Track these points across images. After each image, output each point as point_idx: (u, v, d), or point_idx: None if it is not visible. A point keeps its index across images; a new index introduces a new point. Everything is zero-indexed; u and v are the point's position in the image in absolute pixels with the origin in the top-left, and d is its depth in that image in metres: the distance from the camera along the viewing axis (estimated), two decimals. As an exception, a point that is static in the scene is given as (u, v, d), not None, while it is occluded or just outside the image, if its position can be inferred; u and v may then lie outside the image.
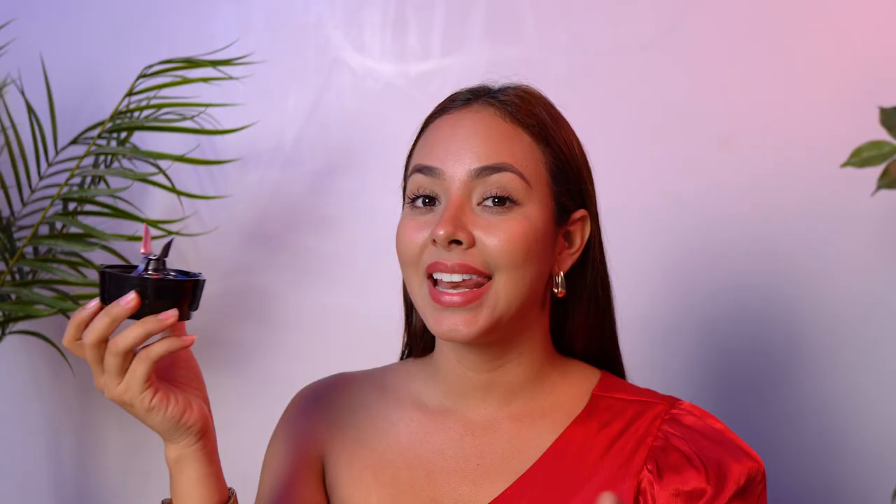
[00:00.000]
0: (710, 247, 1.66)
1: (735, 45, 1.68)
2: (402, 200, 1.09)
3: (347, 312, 1.84)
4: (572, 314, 1.11)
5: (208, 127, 1.73)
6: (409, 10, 1.81)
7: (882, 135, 1.45)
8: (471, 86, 1.10)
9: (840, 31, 1.65)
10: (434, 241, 1.00)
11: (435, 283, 1.02)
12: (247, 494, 1.14)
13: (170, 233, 1.66)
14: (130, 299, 0.89)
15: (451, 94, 1.11)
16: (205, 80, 1.66)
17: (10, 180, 1.84)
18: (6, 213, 1.83)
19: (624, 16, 1.73)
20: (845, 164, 1.35)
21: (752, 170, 1.65)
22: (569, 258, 1.09)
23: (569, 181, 1.06)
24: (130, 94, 1.68)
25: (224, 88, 1.73)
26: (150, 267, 0.92)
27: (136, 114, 1.67)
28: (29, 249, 1.75)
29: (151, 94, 1.71)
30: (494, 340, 1.04)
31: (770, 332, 1.65)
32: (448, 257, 1.00)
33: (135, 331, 0.90)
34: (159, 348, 0.92)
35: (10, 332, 1.78)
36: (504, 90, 1.09)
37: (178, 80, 1.65)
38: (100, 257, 1.79)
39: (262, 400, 1.84)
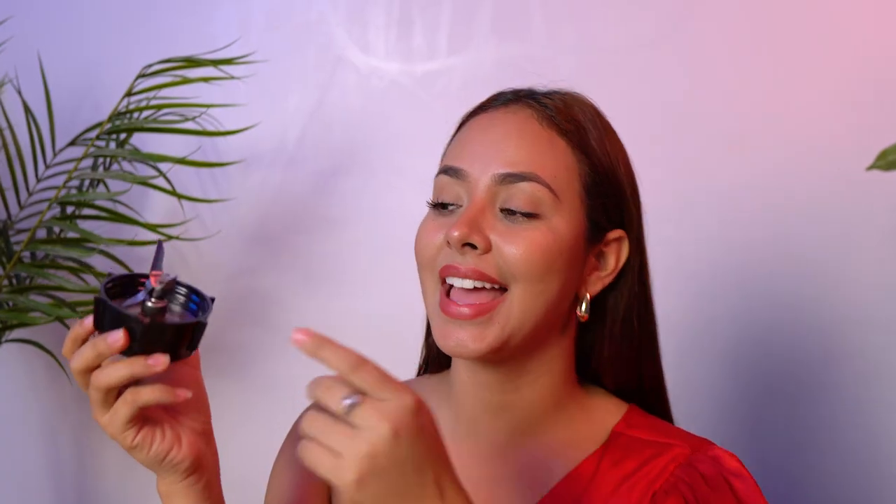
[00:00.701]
0: (732, 249, 1.63)
1: (750, 40, 1.65)
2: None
3: (351, 315, 1.82)
4: (599, 343, 1.03)
5: (209, 128, 1.70)
6: (415, 9, 1.79)
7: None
8: (517, 87, 1.05)
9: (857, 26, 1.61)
10: (448, 242, 0.95)
11: (448, 291, 0.96)
12: (250, 501, 1.12)
13: (170, 237, 1.63)
14: (118, 338, 0.82)
15: (495, 92, 1.05)
16: (205, 79, 1.63)
17: (6, 182, 1.81)
18: (3, 216, 1.81)
19: (634, 13, 1.70)
20: (871, 168, 1.32)
21: (772, 169, 1.62)
22: (599, 281, 1.01)
23: (605, 196, 0.99)
24: (129, 94, 1.65)
25: (225, 88, 1.70)
26: (155, 295, 0.84)
27: (135, 115, 1.64)
28: (27, 254, 1.73)
29: (151, 94, 1.68)
30: (507, 358, 0.98)
31: (800, 338, 1.61)
32: (462, 261, 0.95)
33: (119, 370, 0.84)
34: (147, 396, 0.85)
35: (7, 341, 1.75)
36: (549, 94, 1.03)
37: (178, 79, 1.62)
38: (99, 262, 1.76)
39: (264, 405, 1.83)
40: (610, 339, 1.02)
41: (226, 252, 1.88)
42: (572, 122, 0.99)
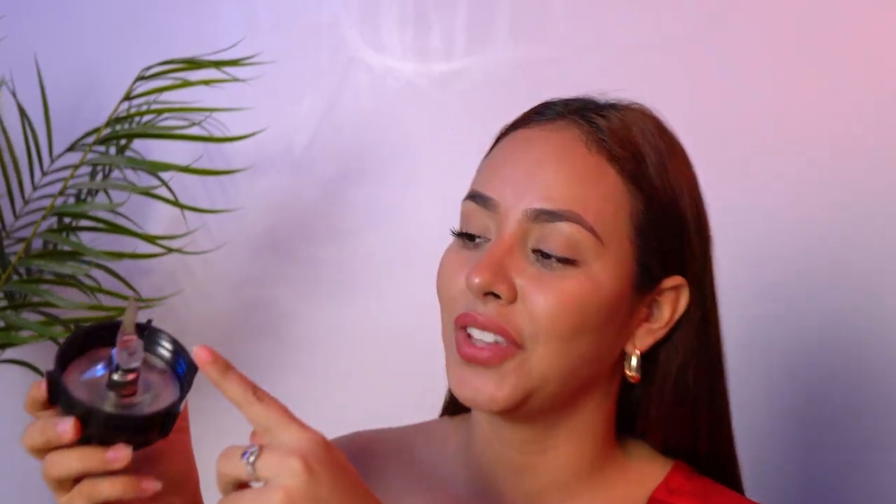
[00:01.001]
0: (779, 258, 1.55)
1: (794, 38, 1.57)
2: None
3: (364, 328, 1.77)
4: (646, 401, 0.89)
5: (214, 133, 1.62)
6: (431, 6, 1.73)
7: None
8: (573, 95, 0.89)
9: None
10: (468, 287, 0.82)
11: (467, 334, 0.84)
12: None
13: (171, 250, 1.56)
14: (66, 430, 0.69)
15: (546, 100, 0.90)
16: (207, 82, 1.56)
17: (0, 189, 1.75)
18: None
19: (663, 10, 1.62)
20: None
21: (816, 174, 1.53)
22: (649, 335, 0.86)
23: (661, 237, 0.84)
24: (128, 97, 1.58)
25: (230, 92, 1.63)
26: (123, 367, 0.71)
27: (136, 119, 1.57)
28: (22, 268, 1.66)
29: (152, 98, 1.61)
30: (532, 416, 0.85)
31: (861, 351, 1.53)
32: (483, 311, 0.82)
33: (70, 462, 0.71)
34: (106, 490, 0.72)
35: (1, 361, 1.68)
36: (605, 109, 0.87)
37: (179, 82, 1.54)
38: (100, 277, 1.70)
39: None
40: (659, 400, 0.88)
41: (233, 262, 1.83)
42: (627, 146, 0.84)
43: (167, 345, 0.75)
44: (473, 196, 0.86)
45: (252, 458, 0.68)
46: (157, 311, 1.66)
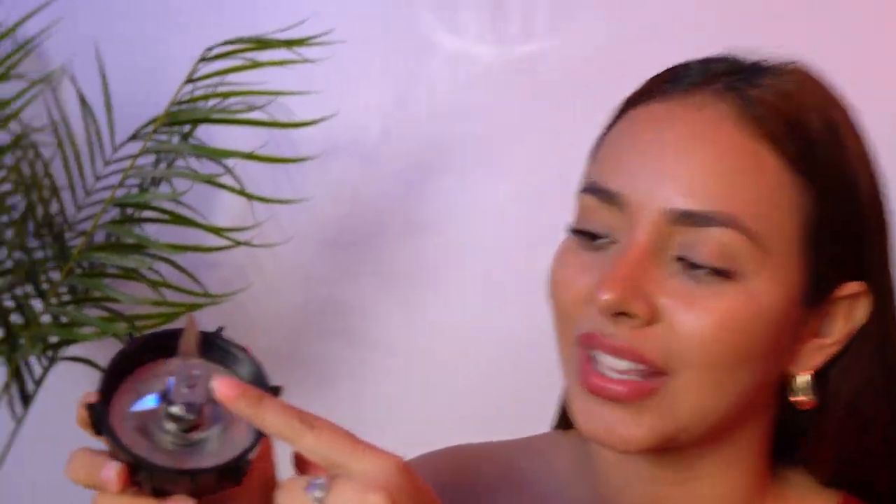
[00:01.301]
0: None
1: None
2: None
3: (443, 331, 1.72)
4: (812, 426, 0.74)
5: (280, 118, 1.56)
6: None
7: None
8: (711, 55, 0.72)
9: None
10: (594, 302, 0.68)
11: (592, 358, 0.70)
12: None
13: (238, 243, 1.50)
14: (112, 479, 0.58)
15: (677, 63, 0.72)
16: (278, 63, 1.48)
17: (62, 180, 1.71)
18: (59, 219, 1.71)
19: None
20: None
21: None
22: (818, 352, 0.71)
23: (836, 239, 0.69)
24: (190, 80, 1.52)
25: (298, 73, 1.57)
26: (183, 389, 0.59)
27: (199, 104, 1.51)
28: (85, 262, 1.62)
29: (216, 80, 1.55)
30: (674, 451, 0.72)
31: None
32: (613, 333, 0.67)
33: None
34: None
35: (61, 359, 1.63)
36: (758, 72, 0.70)
37: (247, 63, 1.47)
38: (164, 270, 1.66)
39: (346, 424, 1.72)
40: (828, 426, 0.73)
41: (304, 256, 1.79)
42: (793, 125, 0.68)
43: (243, 361, 0.62)
44: (593, 189, 0.71)
45: (320, 494, 0.57)
46: (224, 307, 1.61)
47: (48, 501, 1.89)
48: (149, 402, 0.59)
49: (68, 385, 1.81)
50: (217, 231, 1.49)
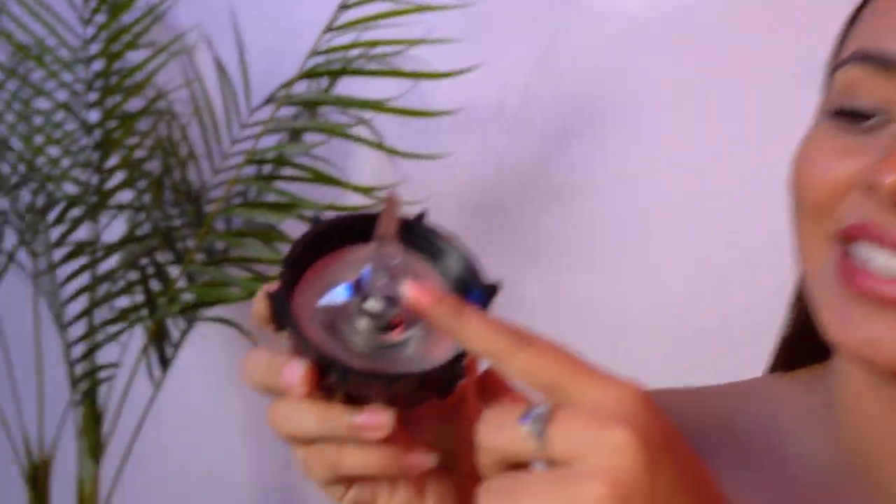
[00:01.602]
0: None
1: None
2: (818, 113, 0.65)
3: (588, 305, 1.65)
4: None
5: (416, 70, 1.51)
6: None
7: None
8: None
9: None
10: (870, 187, 0.56)
11: (849, 254, 0.58)
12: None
13: (381, 202, 1.45)
14: (296, 382, 0.49)
15: None
16: (420, 9, 1.42)
17: (198, 146, 1.71)
18: (196, 183, 1.71)
19: None
20: None
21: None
22: None
23: None
24: (329, 29, 1.48)
25: (430, 25, 1.51)
26: (380, 281, 0.50)
27: (338, 54, 1.48)
28: (220, 224, 1.61)
29: (356, 29, 1.51)
30: None
31: None
32: (892, 223, 0.56)
33: (304, 422, 0.51)
34: (355, 464, 0.52)
35: (203, 319, 1.61)
36: None
37: (388, 11, 1.43)
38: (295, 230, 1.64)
39: None
40: None
41: (441, 219, 1.70)
42: None
43: (451, 253, 0.53)
44: (863, 56, 0.59)
45: (539, 426, 0.45)
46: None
47: (185, 464, 1.93)
48: (339, 294, 0.50)
49: (210, 347, 1.80)
50: (365, 190, 1.43)
